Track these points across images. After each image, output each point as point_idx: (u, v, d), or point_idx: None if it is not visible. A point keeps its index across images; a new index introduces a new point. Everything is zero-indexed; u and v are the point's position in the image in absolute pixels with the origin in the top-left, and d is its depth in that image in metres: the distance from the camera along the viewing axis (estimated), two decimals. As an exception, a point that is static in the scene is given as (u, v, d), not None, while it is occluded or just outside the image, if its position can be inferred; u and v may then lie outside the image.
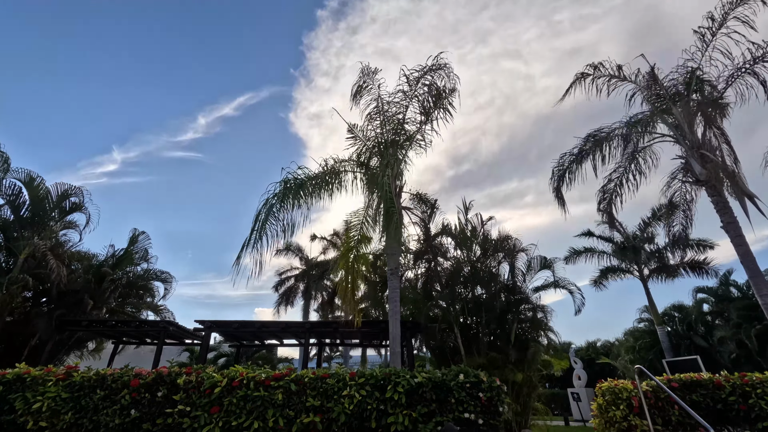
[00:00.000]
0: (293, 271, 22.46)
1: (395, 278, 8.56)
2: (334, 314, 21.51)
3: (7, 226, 11.23)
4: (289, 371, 4.69)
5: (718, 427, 5.65)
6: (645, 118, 10.32)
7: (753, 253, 8.31)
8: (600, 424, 6.00)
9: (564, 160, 10.71)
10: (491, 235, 11.13)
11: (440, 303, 10.11)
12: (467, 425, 4.31)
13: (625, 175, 10.70)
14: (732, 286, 17.28)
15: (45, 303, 11.50)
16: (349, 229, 9.27)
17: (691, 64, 9.66)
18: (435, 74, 9.54)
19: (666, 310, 19.30)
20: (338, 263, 9.01)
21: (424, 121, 9.96)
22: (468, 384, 4.52)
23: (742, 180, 9.14)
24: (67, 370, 4.78)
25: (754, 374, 5.87)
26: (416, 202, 11.42)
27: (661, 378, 6.26)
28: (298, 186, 8.55)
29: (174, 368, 4.79)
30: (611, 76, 10.61)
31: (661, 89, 10.10)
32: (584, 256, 19.04)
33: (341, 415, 4.30)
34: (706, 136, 9.62)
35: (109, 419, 4.34)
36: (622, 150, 10.45)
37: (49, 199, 11.75)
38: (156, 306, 14.18)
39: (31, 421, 4.34)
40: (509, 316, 9.90)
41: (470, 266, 10.64)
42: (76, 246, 13.03)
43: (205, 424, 4.27)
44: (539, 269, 10.48)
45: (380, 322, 10.98)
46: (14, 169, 11.12)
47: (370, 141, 10.02)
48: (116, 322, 11.95)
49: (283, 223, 8.18)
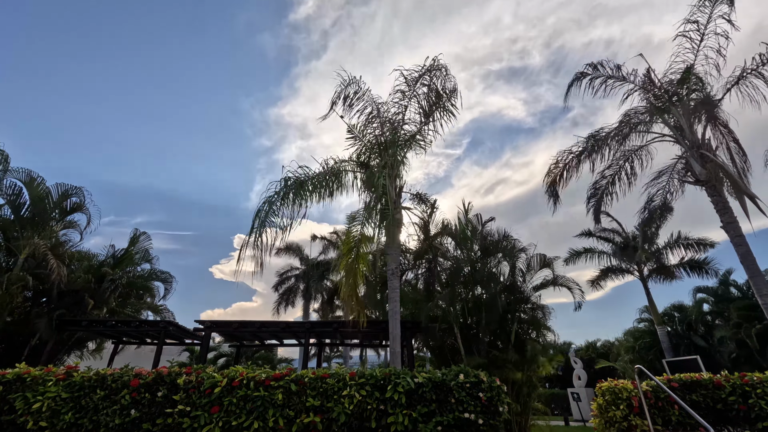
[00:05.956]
0: (293, 271, 22.46)
1: (395, 278, 8.56)
2: (334, 314, 21.52)
3: (7, 226, 11.22)
4: (289, 371, 4.69)
5: (718, 427, 5.65)
6: (644, 118, 10.35)
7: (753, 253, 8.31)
8: (600, 424, 6.00)
9: (561, 159, 10.81)
10: (491, 235, 11.14)
11: (440, 303, 10.09)
12: (467, 425, 4.31)
13: (619, 173, 10.76)
14: (732, 286, 17.28)
15: (45, 303, 11.49)
16: (349, 229, 9.27)
17: (685, 63, 9.68)
18: (433, 74, 9.53)
19: (666, 310, 19.30)
20: (339, 263, 9.01)
21: (423, 121, 9.96)
22: (468, 384, 4.52)
23: (744, 180, 9.14)
24: (67, 370, 4.78)
25: (754, 374, 5.87)
26: (416, 201, 11.42)
27: (661, 378, 6.26)
28: (298, 185, 8.58)
29: (174, 368, 4.79)
30: (609, 76, 10.62)
31: (659, 89, 10.12)
32: (584, 256, 19.04)
33: (341, 415, 4.30)
34: (706, 136, 9.63)
35: (109, 419, 4.34)
36: (617, 149, 10.53)
37: (50, 199, 11.74)
38: (156, 306, 14.19)
39: (31, 421, 4.34)
40: (509, 315, 9.89)
41: (470, 266, 10.63)
42: (76, 246, 13.05)
43: (205, 424, 4.27)
44: (539, 268, 10.47)
45: (380, 322, 10.98)
46: (14, 169, 11.12)
47: (369, 141, 10.03)
48: (116, 322, 11.93)
49: (283, 221, 8.22)
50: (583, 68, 10.73)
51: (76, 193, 12.20)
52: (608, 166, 10.84)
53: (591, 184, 11.23)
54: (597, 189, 11.20)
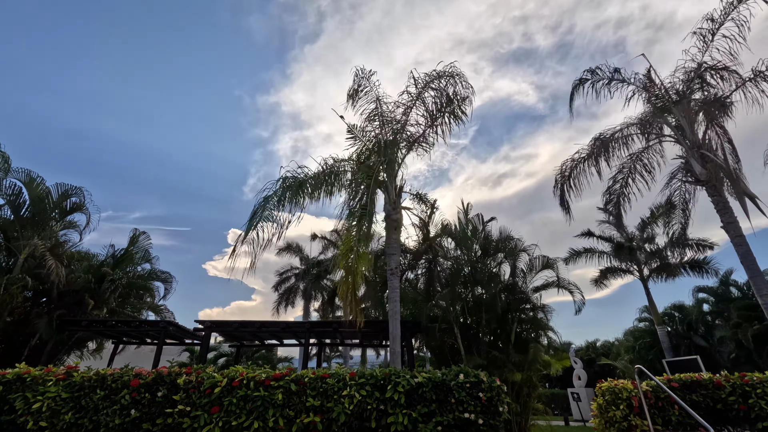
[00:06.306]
0: (293, 270, 22.46)
1: (395, 278, 8.56)
2: (334, 314, 21.50)
3: (7, 226, 11.22)
4: (289, 371, 4.69)
5: (718, 427, 5.65)
6: (647, 118, 10.35)
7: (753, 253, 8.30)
8: (600, 424, 6.00)
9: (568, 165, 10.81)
10: (492, 235, 11.13)
11: (440, 303, 10.09)
12: (467, 425, 4.31)
13: (631, 175, 10.75)
14: (732, 286, 17.28)
15: (45, 303, 11.50)
16: (349, 228, 9.26)
17: (692, 64, 9.66)
18: (447, 81, 9.49)
19: (666, 310, 19.31)
20: (338, 263, 9.00)
21: (429, 124, 9.94)
22: (468, 384, 4.52)
23: (743, 180, 9.14)
24: (67, 370, 4.77)
25: (754, 374, 5.87)
26: (416, 201, 11.43)
27: (661, 378, 6.25)
28: (297, 185, 8.57)
29: (174, 368, 4.78)
30: (610, 79, 10.62)
31: (660, 89, 10.12)
32: (584, 256, 19.03)
33: (341, 415, 4.30)
34: (707, 136, 9.62)
35: (109, 419, 4.34)
36: (626, 151, 10.52)
37: (49, 199, 11.74)
38: (156, 306, 14.19)
39: (31, 421, 4.34)
40: (509, 315, 9.89)
41: (470, 266, 10.63)
42: (76, 246, 13.05)
43: (205, 424, 4.27)
44: (540, 269, 10.46)
45: (380, 322, 10.98)
46: (14, 169, 11.12)
47: (369, 141, 10.02)
48: (116, 322, 11.93)
49: (282, 220, 8.22)
50: (582, 74, 10.76)
51: (75, 193, 12.20)
52: (619, 170, 10.85)
53: (605, 190, 11.22)
54: (612, 194, 11.18)
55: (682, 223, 11.68)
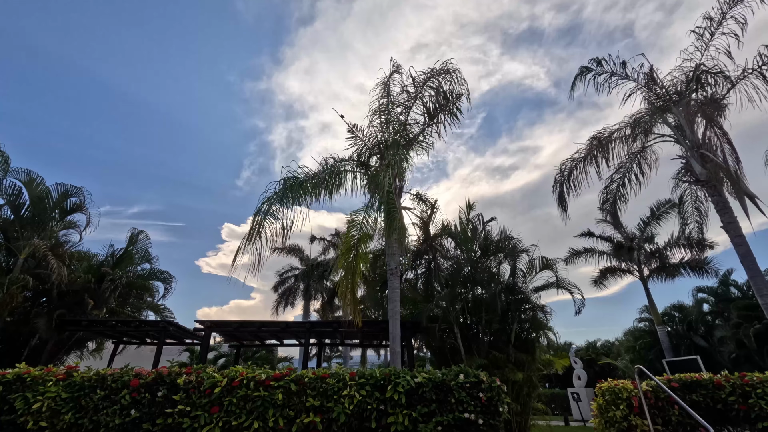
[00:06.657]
0: (293, 270, 22.47)
1: (395, 278, 8.56)
2: (334, 314, 21.52)
3: (7, 226, 11.23)
4: (289, 371, 4.68)
5: (718, 427, 5.65)
6: (646, 118, 10.34)
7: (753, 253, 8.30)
8: (600, 424, 6.00)
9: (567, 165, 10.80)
10: (492, 235, 11.13)
11: (440, 303, 10.09)
12: (467, 425, 4.31)
13: (627, 175, 10.74)
14: (732, 286, 17.28)
15: (45, 303, 11.50)
16: (349, 228, 9.26)
17: (690, 64, 9.66)
18: (443, 78, 9.54)
19: (666, 310, 19.31)
20: (338, 262, 9.01)
21: (428, 123, 9.97)
22: (468, 384, 4.52)
23: (743, 180, 9.13)
24: (67, 370, 4.77)
25: (754, 374, 5.87)
26: (416, 201, 11.43)
27: (661, 378, 6.25)
28: (297, 185, 8.59)
29: (174, 368, 4.78)
30: (612, 73, 10.62)
31: (661, 89, 10.11)
32: (584, 256, 19.03)
33: (341, 415, 4.30)
34: (707, 136, 9.62)
35: (109, 419, 4.34)
36: (624, 151, 10.50)
37: (50, 199, 11.74)
38: (156, 306, 14.19)
39: (31, 421, 4.34)
40: (509, 315, 9.89)
41: (470, 266, 10.63)
42: (76, 246, 13.05)
43: (205, 424, 4.27)
44: (540, 269, 10.46)
45: (380, 322, 10.98)
46: (14, 169, 11.13)
47: (370, 141, 10.03)
48: (116, 322, 11.93)
49: (283, 221, 8.23)
50: (588, 63, 10.76)
51: (75, 193, 12.20)
52: (616, 170, 10.84)
53: (602, 189, 11.23)
54: (609, 193, 11.20)
55: (698, 222, 11.64)
